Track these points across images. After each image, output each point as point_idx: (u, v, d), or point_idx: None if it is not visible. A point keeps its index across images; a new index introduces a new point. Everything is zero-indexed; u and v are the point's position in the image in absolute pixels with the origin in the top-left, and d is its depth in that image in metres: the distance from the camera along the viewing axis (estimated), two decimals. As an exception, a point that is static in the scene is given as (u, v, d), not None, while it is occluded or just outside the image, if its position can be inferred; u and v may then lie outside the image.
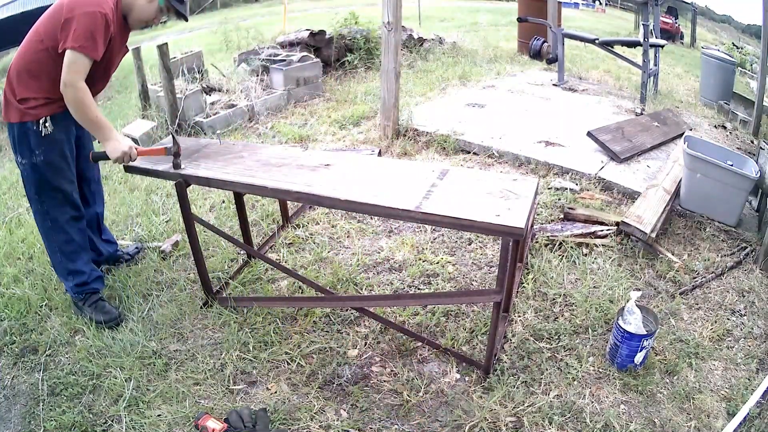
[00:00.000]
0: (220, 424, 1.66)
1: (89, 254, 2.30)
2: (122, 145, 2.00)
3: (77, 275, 2.20)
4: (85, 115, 1.91)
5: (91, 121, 1.93)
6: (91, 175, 2.36)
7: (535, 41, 6.94)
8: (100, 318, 2.18)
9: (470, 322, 2.18)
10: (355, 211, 2.79)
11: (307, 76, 5.30)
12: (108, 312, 2.21)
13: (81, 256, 2.22)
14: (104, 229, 2.56)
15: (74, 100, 1.86)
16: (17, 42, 2.00)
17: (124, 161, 2.02)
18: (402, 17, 3.83)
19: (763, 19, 4.34)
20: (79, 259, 2.21)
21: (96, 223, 2.47)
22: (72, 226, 2.17)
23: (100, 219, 2.50)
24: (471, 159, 3.73)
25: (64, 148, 2.07)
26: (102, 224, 2.53)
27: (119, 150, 1.99)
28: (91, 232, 2.42)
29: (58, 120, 1.99)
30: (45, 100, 1.94)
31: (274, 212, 3.02)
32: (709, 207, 2.95)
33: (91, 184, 2.36)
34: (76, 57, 1.81)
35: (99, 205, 2.48)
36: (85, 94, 1.87)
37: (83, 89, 1.86)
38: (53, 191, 2.09)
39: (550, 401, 1.80)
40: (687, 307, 2.31)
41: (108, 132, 1.98)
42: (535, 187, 1.81)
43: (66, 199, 2.13)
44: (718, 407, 1.81)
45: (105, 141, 1.99)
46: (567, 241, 2.65)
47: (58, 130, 2.00)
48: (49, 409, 1.82)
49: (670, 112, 4.59)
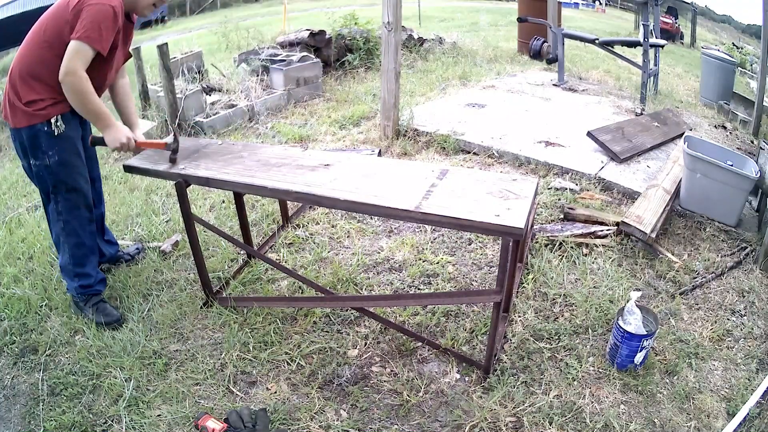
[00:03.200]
0: (220, 424, 1.66)
1: (97, 257, 2.30)
2: (121, 134, 1.99)
3: (83, 278, 2.20)
4: (85, 105, 1.88)
5: (91, 111, 1.91)
6: (96, 174, 2.36)
7: (535, 41, 6.94)
8: (101, 319, 2.18)
9: (470, 322, 2.18)
10: (355, 211, 2.79)
11: (307, 76, 5.30)
12: (109, 314, 2.20)
13: (90, 260, 2.22)
14: (106, 230, 2.56)
15: (74, 87, 1.82)
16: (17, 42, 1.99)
17: (122, 150, 2.01)
18: (402, 17, 3.83)
19: (763, 19, 4.34)
20: (88, 262, 2.21)
21: (99, 223, 2.46)
22: (84, 229, 2.16)
23: (102, 219, 2.50)
24: (471, 159, 3.73)
25: (78, 145, 2.07)
26: (104, 225, 2.53)
27: (118, 140, 1.98)
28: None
29: (68, 118, 1.98)
30: (52, 100, 1.92)
31: (274, 212, 3.02)
32: (709, 207, 2.95)
33: (95, 183, 2.34)
34: (80, 46, 1.79)
35: (102, 206, 2.48)
36: (85, 82, 1.83)
37: (84, 77, 1.82)
38: (69, 192, 2.08)
39: (550, 401, 1.80)
40: (687, 307, 2.31)
41: (107, 120, 1.97)
42: (535, 187, 1.81)
43: (82, 200, 2.12)
44: (718, 407, 1.81)
45: (105, 129, 1.98)
46: (567, 241, 2.65)
47: (70, 128, 2.00)
48: (49, 409, 1.82)
49: (670, 112, 4.59)
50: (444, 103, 4.92)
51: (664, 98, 5.49)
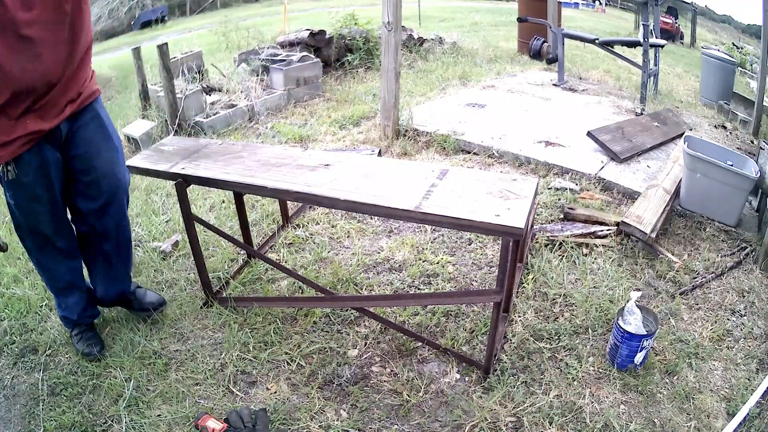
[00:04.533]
0: (220, 424, 1.66)
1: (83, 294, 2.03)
2: None
3: (64, 309, 2.03)
4: None
5: None
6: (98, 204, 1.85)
7: (535, 41, 6.94)
8: (80, 348, 2.01)
9: (470, 322, 2.18)
10: (355, 211, 2.79)
11: (307, 76, 5.30)
12: (88, 346, 2.00)
13: (72, 294, 1.99)
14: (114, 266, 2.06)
15: None
16: None
17: None
18: (402, 17, 3.83)
19: (763, 19, 4.33)
20: (70, 295, 1.99)
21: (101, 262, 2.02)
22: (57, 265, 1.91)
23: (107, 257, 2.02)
24: (471, 159, 3.73)
25: (36, 191, 1.70)
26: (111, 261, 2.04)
27: None
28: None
29: (24, 161, 1.62)
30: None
31: (274, 212, 3.02)
32: (709, 207, 2.95)
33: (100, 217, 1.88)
34: None
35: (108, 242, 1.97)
36: None
37: None
38: (32, 233, 1.82)
39: (550, 401, 1.80)
40: (687, 307, 2.31)
41: None
42: (535, 187, 1.81)
43: (48, 242, 1.84)
44: (718, 407, 1.81)
45: None
46: (567, 241, 2.65)
47: (24, 173, 1.63)
48: (49, 409, 1.82)
49: (670, 112, 4.58)
50: (444, 103, 4.92)
51: (664, 98, 5.49)
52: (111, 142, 1.86)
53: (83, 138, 1.76)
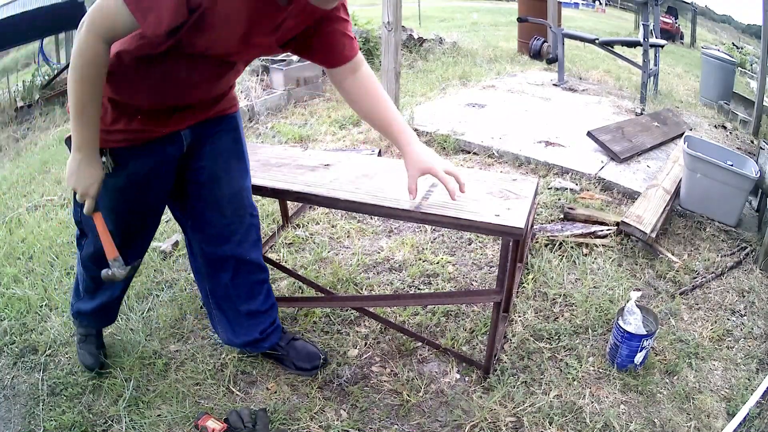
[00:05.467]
0: (220, 424, 1.65)
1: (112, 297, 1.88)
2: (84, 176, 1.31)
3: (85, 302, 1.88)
4: (70, 92, 1.20)
5: (72, 106, 1.22)
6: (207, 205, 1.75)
7: (535, 41, 6.95)
8: (80, 357, 1.94)
9: (470, 322, 2.18)
10: (355, 211, 2.79)
11: (307, 76, 5.30)
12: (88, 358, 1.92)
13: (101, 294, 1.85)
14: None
15: (73, 58, 1.15)
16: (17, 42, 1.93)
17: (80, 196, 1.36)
18: (402, 17, 3.83)
19: (763, 19, 4.34)
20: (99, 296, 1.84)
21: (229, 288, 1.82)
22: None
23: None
24: (471, 159, 3.73)
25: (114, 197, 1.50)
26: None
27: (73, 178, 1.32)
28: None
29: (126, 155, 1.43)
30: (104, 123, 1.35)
31: (274, 212, 3.02)
32: (709, 207, 2.95)
33: (223, 218, 1.74)
34: (112, 3, 1.08)
35: (225, 246, 1.80)
36: (87, 58, 1.15)
37: (92, 50, 1.14)
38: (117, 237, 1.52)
39: (550, 401, 1.80)
40: (687, 307, 2.31)
41: (78, 142, 1.28)
42: (535, 187, 1.81)
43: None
44: (718, 407, 1.81)
45: (73, 151, 1.30)
46: (567, 241, 2.65)
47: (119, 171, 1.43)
48: (49, 409, 1.82)
49: (670, 112, 4.59)
50: (444, 103, 4.92)
51: (664, 98, 5.49)
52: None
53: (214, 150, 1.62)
